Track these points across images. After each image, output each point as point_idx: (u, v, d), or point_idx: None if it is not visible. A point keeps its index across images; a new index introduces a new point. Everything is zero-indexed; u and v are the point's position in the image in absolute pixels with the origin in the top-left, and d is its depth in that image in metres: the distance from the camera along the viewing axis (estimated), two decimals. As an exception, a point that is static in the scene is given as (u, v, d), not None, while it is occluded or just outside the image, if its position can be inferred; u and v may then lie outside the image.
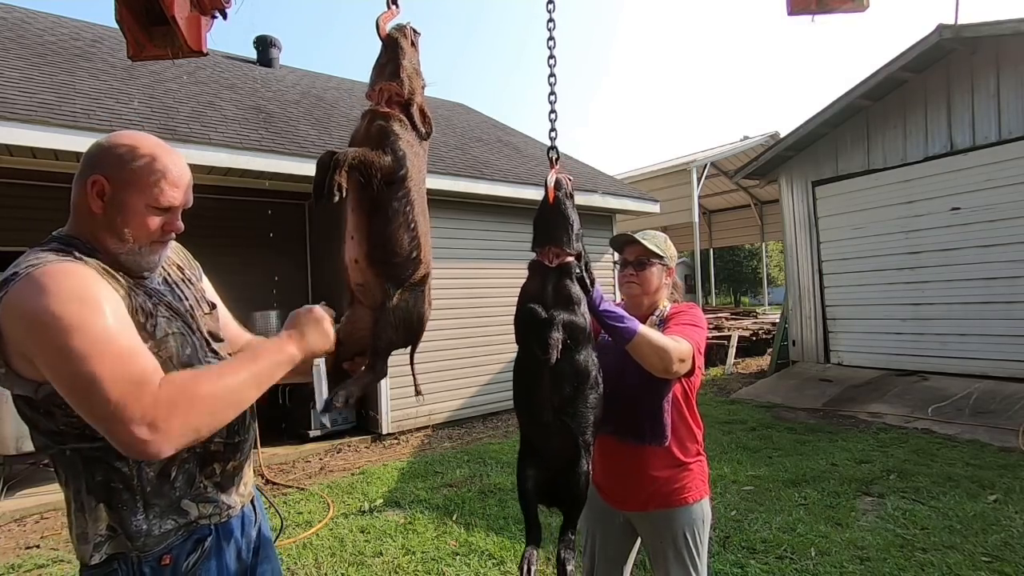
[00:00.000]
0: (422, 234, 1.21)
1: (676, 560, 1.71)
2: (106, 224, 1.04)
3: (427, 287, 1.25)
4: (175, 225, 1.12)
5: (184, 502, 1.08)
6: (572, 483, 1.31)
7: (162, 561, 1.05)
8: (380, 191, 1.16)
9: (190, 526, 1.09)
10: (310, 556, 3.29)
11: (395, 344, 1.22)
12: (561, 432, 1.31)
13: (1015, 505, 3.59)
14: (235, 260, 7.16)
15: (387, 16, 1.27)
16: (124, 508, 1.02)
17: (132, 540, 1.02)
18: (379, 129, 1.18)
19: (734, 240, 19.86)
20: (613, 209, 8.20)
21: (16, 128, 4.06)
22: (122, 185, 1.04)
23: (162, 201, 1.07)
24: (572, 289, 1.28)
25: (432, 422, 6.40)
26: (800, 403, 6.94)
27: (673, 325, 1.68)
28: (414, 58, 1.27)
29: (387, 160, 1.14)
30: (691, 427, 1.77)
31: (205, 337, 1.18)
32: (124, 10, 1.29)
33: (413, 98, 1.23)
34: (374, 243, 1.17)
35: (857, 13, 1.41)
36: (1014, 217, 6.53)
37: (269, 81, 8.11)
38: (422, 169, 1.24)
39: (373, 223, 1.17)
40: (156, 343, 1.03)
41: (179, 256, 1.29)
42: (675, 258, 1.84)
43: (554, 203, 1.29)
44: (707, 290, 20.88)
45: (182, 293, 1.19)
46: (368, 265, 1.19)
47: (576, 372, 1.28)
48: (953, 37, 6.73)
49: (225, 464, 1.15)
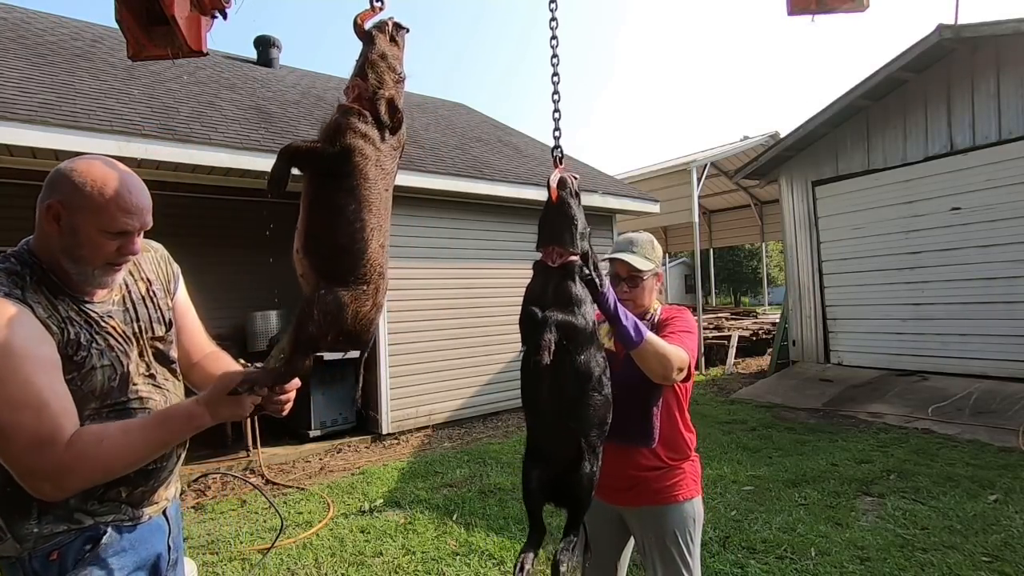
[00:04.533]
0: (367, 230, 1.16)
1: (667, 557, 1.72)
2: (61, 246, 1.10)
3: (372, 286, 1.18)
4: (130, 248, 1.15)
5: (78, 514, 1.12)
6: (575, 484, 1.30)
7: (50, 556, 1.09)
8: (323, 183, 1.15)
9: (82, 529, 1.12)
10: (310, 556, 3.29)
11: (318, 341, 1.14)
12: (564, 433, 1.30)
13: (1015, 505, 3.59)
14: (235, 260, 7.18)
15: (366, 14, 1.26)
16: (17, 513, 1.07)
17: (21, 543, 1.07)
18: (334, 123, 1.17)
19: (734, 240, 19.84)
20: (613, 209, 8.20)
21: (16, 128, 4.06)
22: (74, 210, 1.08)
23: (113, 227, 1.10)
24: (573, 289, 1.26)
25: (432, 422, 6.40)
26: (800, 403, 6.94)
27: (669, 333, 1.69)
28: (390, 52, 1.25)
29: (330, 151, 1.13)
30: (681, 430, 1.78)
31: (147, 361, 1.23)
32: (124, 10, 1.29)
33: (379, 92, 1.21)
34: (309, 234, 1.16)
35: (857, 13, 1.41)
36: (1014, 217, 6.53)
37: (269, 81, 8.11)
38: (383, 165, 1.21)
39: (311, 215, 1.16)
40: (81, 376, 1.09)
41: (154, 267, 1.32)
42: (660, 258, 1.86)
43: (557, 202, 1.28)
44: (707, 290, 20.88)
45: (135, 314, 1.23)
46: (304, 255, 1.17)
47: (577, 373, 1.26)
48: (953, 37, 6.73)
49: (133, 488, 1.18)
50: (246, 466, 5.09)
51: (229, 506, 4.19)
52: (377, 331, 1.44)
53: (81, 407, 1.08)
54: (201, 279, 8.45)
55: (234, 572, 3.14)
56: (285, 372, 1.14)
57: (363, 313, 1.16)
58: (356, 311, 1.15)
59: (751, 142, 12.55)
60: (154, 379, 1.24)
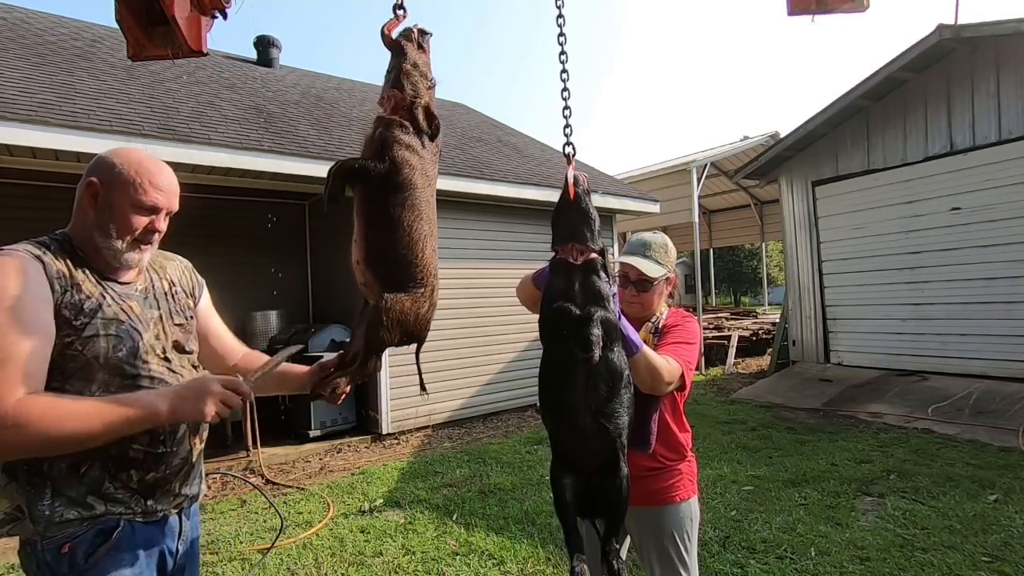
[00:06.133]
0: (421, 238, 1.22)
1: (664, 558, 1.72)
2: (96, 221, 1.20)
3: (428, 288, 1.25)
4: (157, 226, 1.25)
5: (91, 498, 1.13)
6: (612, 489, 1.24)
7: (61, 550, 1.10)
8: (378, 197, 1.21)
9: (95, 520, 1.13)
10: (310, 556, 3.29)
11: (388, 344, 1.24)
12: (598, 435, 1.24)
13: (1015, 505, 3.59)
14: (235, 260, 7.17)
15: (392, 24, 1.27)
16: (33, 491, 1.10)
17: (35, 523, 1.09)
18: (379, 137, 1.22)
19: (734, 240, 19.85)
20: (613, 209, 8.20)
21: (16, 128, 4.06)
22: (111, 186, 1.19)
23: (145, 201, 1.20)
24: (600, 285, 1.25)
25: (432, 422, 6.40)
26: (800, 403, 6.94)
27: (669, 342, 1.67)
28: (420, 60, 1.28)
29: (381, 167, 1.19)
30: (676, 433, 1.78)
31: (164, 345, 1.27)
32: (124, 10, 1.29)
33: (416, 101, 1.24)
34: (371, 246, 1.22)
35: (857, 13, 1.41)
36: (1014, 217, 6.53)
37: (269, 81, 8.11)
38: (427, 172, 1.25)
39: (370, 227, 1.22)
40: (81, 340, 1.12)
41: (178, 275, 1.41)
42: (675, 261, 1.81)
43: (575, 199, 1.27)
44: (707, 290, 20.87)
45: (156, 304, 1.30)
46: (366, 267, 1.23)
47: (611, 371, 1.23)
48: (953, 37, 6.73)
49: (145, 473, 1.19)
50: (246, 466, 5.09)
51: (229, 506, 4.19)
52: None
53: (88, 376, 1.13)
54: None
55: (234, 572, 3.14)
56: (361, 372, 1.27)
57: (423, 314, 1.26)
58: (417, 313, 1.24)
59: (751, 142, 12.55)
60: (169, 363, 1.27)
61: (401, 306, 1.20)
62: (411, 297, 1.22)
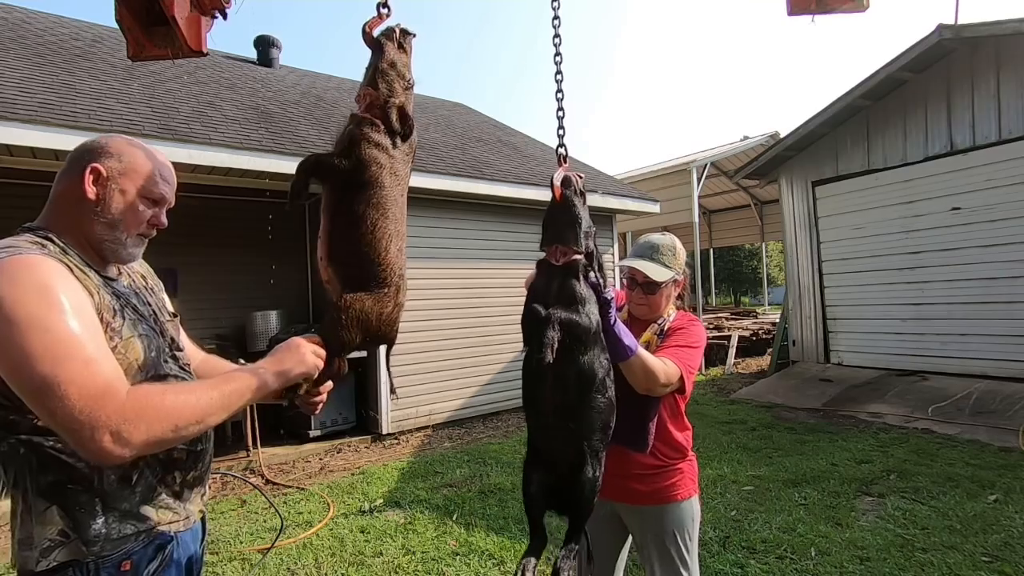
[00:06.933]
0: (385, 237, 1.20)
1: (665, 557, 1.71)
2: (97, 211, 1.07)
3: (392, 288, 1.23)
4: (160, 219, 1.18)
5: (144, 507, 1.07)
6: (576, 489, 1.27)
7: (121, 567, 1.02)
8: (343, 194, 1.20)
9: (151, 532, 1.07)
10: (310, 556, 3.29)
11: (349, 344, 1.21)
12: (565, 436, 1.27)
13: (1015, 505, 3.59)
14: (235, 260, 7.17)
15: (374, 22, 1.27)
16: (82, 511, 0.99)
17: (88, 545, 0.99)
18: (348, 134, 1.22)
19: (734, 240, 19.85)
20: (613, 209, 8.20)
21: (16, 128, 4.06)
22: (123, 173, 1.10)
23: (155, 192, 1.14)
24: (576, 288, 1.25)
25: (432, 422, 6.40)
26: (800, 403, 6.94)
27: (670, 345, 1.67)
28: (398, 60, 1.27)
29: (346, 163, 1.18)
30: (675, 434, 1.77)
31: (168, 342, 1.19)
32: (124, 10, 1.29)
33: (391, 100, 1.24)
34: (333, 244, 1.22)
35: (857, 13, 1.41)
36: (1014, 217, 6.53)
37: (269, 81, 8.11)
38: (396, 172, 1.25)
39: (334, 225, 1.21)
40: (124, 343, 1.03)
41: (143, 268, 1.32)
42: (683, 262, 1.80)
43: (561, 201, 1.27)
44: (707, 290, 20.87)
45: (146, 298, 1.21)
46: (327, 264, 1.23)
47: (580, 374, 1.24)
48: (953, 37, 6.73)
49: (186, 473, 1.15)
50: (246, 466, 5.10)
51: (229, 506, 4.19)
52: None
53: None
54: (201, 279, 8.40)
55: (234, 572, 3.14)
56: (322, 374, 1.20)
57: (387, 314, 1.23)
58: (379, 313, 1.21)
59: (751, 142, 12.55)
60: (179, 362, 1.20)
61: (361, 305, 1.18)
62: (373, 297, 1.20)
